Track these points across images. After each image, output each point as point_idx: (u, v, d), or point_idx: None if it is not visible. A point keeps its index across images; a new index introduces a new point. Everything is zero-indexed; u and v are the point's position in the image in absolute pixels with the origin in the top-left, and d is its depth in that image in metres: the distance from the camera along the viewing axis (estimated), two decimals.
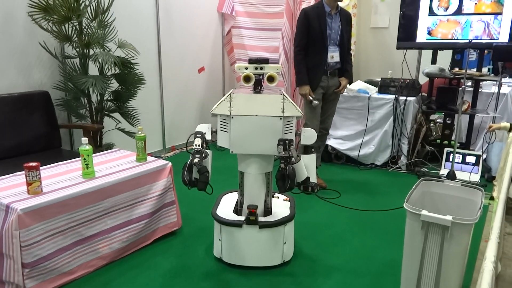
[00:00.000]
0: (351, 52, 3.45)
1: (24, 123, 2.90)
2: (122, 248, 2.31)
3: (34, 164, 1.98)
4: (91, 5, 3.03)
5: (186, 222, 2.78)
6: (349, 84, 3.37)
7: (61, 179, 2.21)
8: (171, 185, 2.57)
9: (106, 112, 3.32)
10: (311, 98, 3.18)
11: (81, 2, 2.96)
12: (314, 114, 3.27)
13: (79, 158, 2.30)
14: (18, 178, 2.19)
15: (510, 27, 3.61)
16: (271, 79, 2.14)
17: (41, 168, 2.03)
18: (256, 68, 2.16)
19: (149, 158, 2.58)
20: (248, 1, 4.74)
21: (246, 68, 2.15)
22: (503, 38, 3.65)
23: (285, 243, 2.26)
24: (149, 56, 4.05)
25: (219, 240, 2.28)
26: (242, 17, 4.82)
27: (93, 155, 2.29)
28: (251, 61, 2.16)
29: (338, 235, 2.68)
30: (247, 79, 2.13)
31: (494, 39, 3.68)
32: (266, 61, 2.16)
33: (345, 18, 3.27)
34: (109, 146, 3.33)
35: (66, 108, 3.24)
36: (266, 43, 4.72)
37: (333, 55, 3.22)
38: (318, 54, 3.19)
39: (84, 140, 2.20)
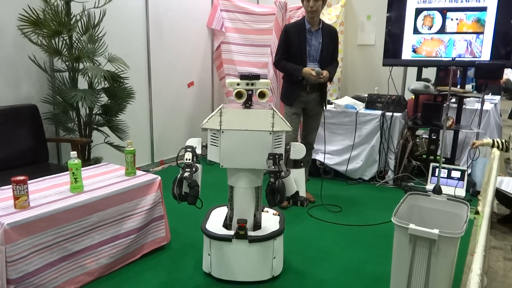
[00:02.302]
0: (337, 61, 3.43)
1: (11, 136, 2.87)
2: (110, 264, 2.28)
3: (21, 178, 1.96)
4: (82, 19, 3.05)
5: (175, 236, 2.76)
6: (330, 81, 3.34)
7: (48, 193, 2.19)
8: (160, 200, 2.56)
9: (95, 126, 3.30)
10: (315, 73, 3.09)
11: (72, 16, 2.98)
12: (292, 126, 3.27)
13: (67, 172, 2.28)
14: (5, 192, 2.16)
15: (491, 46, 3.74)
16: (262, 95, 2.17)
17: (28, 182, 2.01)
18: (247, 84, 2.18)
19: (138, 172, 2.57)
20: (237, 17, 4.81)
21: (238, 84, 2.18)
22: (485, 57, 3.77)
23: (274, 257, 2.26)
24: (138, 71, 4.06)
25: (209, 254, 2.27)
26: (231, 33, 4.88)
27: (82, 169, 2.27)
28: (243, 77, 2.18)
29: (327, 250, 2.69)
30: (239, 95, 2.16)
31: (476, 57, 3.80)
32: (257, 77, 2.19)
33: (328, 34, 3.25)
34: (98, 160, 3.31)
35: (54, 122, 3.21)
36: (255, 59, 4.78)
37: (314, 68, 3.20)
38: None
39: (73, 154, 2.19)
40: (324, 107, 3.43)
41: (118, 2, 3.54)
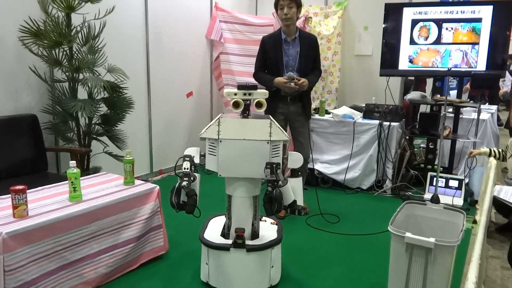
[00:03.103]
0: (320, 70, 3.32)
1: (11, 146, 2.89)
2: (108, 273, 2.28)
3: (21, 187, 1.97)
4: (82, 30, 3.09)
5: (173, 246, 2.76)
6: (309, 88, 3.19)
7: (47, 202, 2.20)
8: (159, 209, 2.57)
9: (94, 136, 3.32)
10: (287, 78, 3.02)
11: (72, 27, 3.02)
12: None
13: (66, 182, 2.29)
14: (4, 202, 2.17)
15: (486, 56, 3.78)
16: (259, 105, 2.20)
17: (27, 191, 2.02)
18: (244, 94, 2.21)
19: (137, 182, 2.59)
20: (236, 28, 4.86)
21: (235, 94, 2.20)
22: (481, 67, 3.81)
23: (272, 266, 2.26)
24: (138, 81, 4.09)
25: (206, 264, 2.27)
26: (230, 43, 4.93)
27: (80, 178, 2.28)
28: (240, 87, 2.21)
29: (325, 259, 2.70)
30: (236, 105, 2.19)
31: (472, 67, 3.84)
32: (254, 87, 2.22)
33: (307, 42, 3.16)
34: (96, 170, 3.32)
35: (54, 132, 3.23)
36: (254, 69, 4.81)
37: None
38: None
39: (72, 163, 2.20)
40: (307, 118, 3.31)
41: (118, 14, 3.58)
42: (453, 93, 4.84)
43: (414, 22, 3.96)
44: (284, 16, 3.06)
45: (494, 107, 5.22)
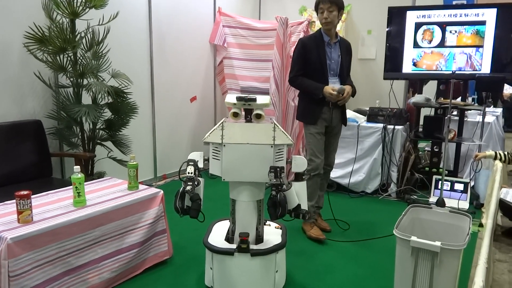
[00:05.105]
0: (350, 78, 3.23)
1: (16, 151, 2.90)
2: (112, 278, 2.28)
3: (25, 192, 1.97)
4: (86, 36, 3.10)
5: (177, 251, 2.76)
6: (353, 96, 3.11)
7: (52, 207, 2.20)
8: (163, 214, 2.57)
9: (98, 141, 3.33)
10: (336, 92, 2.91)
11: (76, 33, 3.03)
12: (319, 148, 3.03)
13: (70, 187, 2.30)
14: (9, 207, 2.18)
15: (491, 59, 3.77)
16: (258, 116, 2.19)
17: (32, 196, 2.02)
18: (244, 104, 2.20)
19: (141, 186, 2.59)
20: (239, 33, 4.88)
21: (235, 104, 2.19)
22: (485, 69, 3.80)
23: (277, 271, 2.25)
24: (142, 86, 4.11)
25: (211, 268, 2.27)
26: (233, 48, 4.95)
27: (85, 183, 2.29)
28: (239, 98, 2.18)
29: (330, 264, 2.68)
30: (235, 115, 2.19)
31: (476, 70, 3.83)
32: (253, 99, 2.17)
33: (345, 47, 3.09)
34: (101, 175, 3.32)
35: (58, 137, 3.25)
36: (257, 73, 4.83)
37: (334, 86, 2.98)
38: None
39: (76, 168, 2.21)
40: (344, 124, 3.20)
41: (121, 19, 3.60)
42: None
43: (418, 26, 3.96)
44: (324, 20, 2.92)
45: (499, 110, 5.18)
